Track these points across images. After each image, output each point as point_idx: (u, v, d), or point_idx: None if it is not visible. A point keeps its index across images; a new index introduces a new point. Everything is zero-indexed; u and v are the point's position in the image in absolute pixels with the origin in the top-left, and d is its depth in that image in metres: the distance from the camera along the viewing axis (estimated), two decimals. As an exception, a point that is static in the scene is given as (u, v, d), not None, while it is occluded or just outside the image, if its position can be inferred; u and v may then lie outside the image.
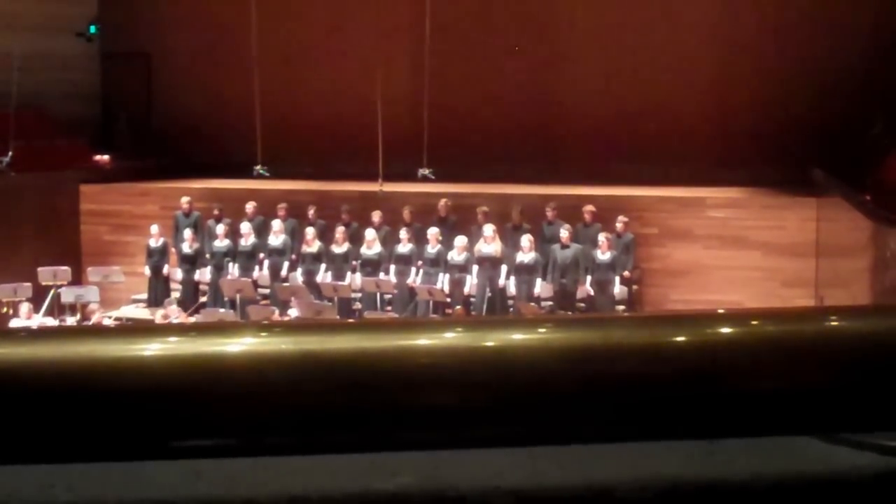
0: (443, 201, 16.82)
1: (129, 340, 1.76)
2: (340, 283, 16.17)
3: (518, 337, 1.79)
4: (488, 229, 15.98)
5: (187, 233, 17.05)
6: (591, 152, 19.05)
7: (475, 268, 15.99)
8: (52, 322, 15.37)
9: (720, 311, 1.96)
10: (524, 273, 15.82)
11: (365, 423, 1.72)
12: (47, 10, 19.67)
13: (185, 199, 17.66)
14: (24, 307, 15.02)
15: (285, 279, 16.73)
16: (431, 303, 15.58)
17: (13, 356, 1.71)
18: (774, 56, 18.72)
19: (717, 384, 1.78)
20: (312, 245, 16.60)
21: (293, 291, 15.94)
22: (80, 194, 18.84)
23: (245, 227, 17.00)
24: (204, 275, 17.09)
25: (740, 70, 18.93)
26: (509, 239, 16.23)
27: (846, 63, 18.07)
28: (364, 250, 16.40)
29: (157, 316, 15.04)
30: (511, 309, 15.76)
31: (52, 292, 16.14)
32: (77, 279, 17.25)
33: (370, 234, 16.42)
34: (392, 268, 16.32)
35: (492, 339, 1.77)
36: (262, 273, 16.96)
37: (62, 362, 1.69)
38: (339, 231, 16.59)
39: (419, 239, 16.38)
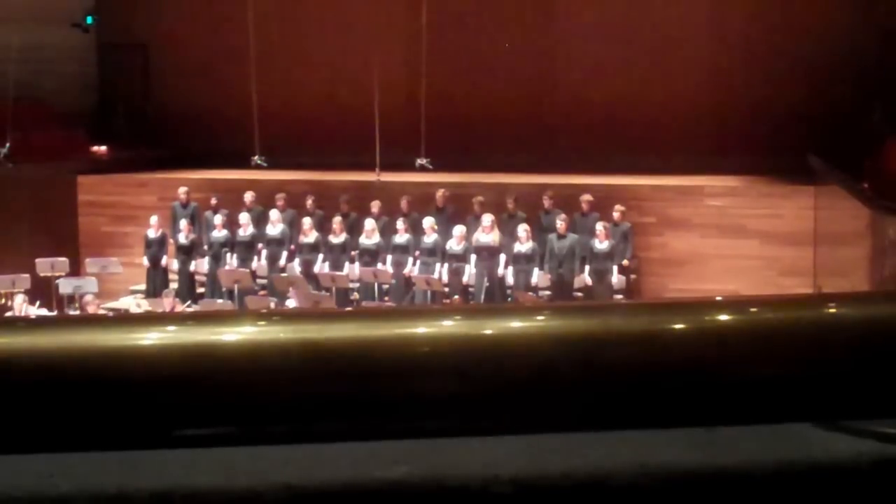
0: (440, 191, 16.81)
1: (127, 329, 1.77)
2: (338, 273, 16.18)
3: (517, 325, 1.80)
4: (486, 219, 15.98)
5: (183, 223, 17.04)
6: (588, 141, 19.04)
7: (473, 257, 16.00)
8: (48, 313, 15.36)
9: (719, 298, 1.96)
10: (522, 262, 15.83)
11: (364, 412, 1.72)
12: (44, 1, 19.64)
13: (182, 190, 17.65)
14: (19, 299, 14.96)
15: (283, 269, 16.73)
16: (429, 293, 15.58)
17: (11, 346, 1.71)
18: (771, 43, 18.71)
19: (716, 371, 1.78)
20: (309, 235, 16.60)
21: (291, 282, 15.94)
22: (78, 185, 18.84)
23: (243, 217, 16.99)
24: (201, 265, 17.09)
25: (737, 58, 18.92)
26: (506, 228, 16.23)
27: (844, 50, 18.06)
28: (363, 240, 16.40)
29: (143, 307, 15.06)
30: (510, 299, 15.77)
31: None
32: (75, 270, 17.24)
33: (369, 223, 16.42)
34: (389, 258, 16.32)
35: (491, 327, 1.77)
36: (260, 263, 16.96)
37: (61, 351, 1.69)
38: (337, 221, 16.60)
39: (416, 229, 16.37)
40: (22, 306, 14.77)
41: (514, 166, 18.39)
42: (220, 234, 16.98)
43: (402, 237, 16.31)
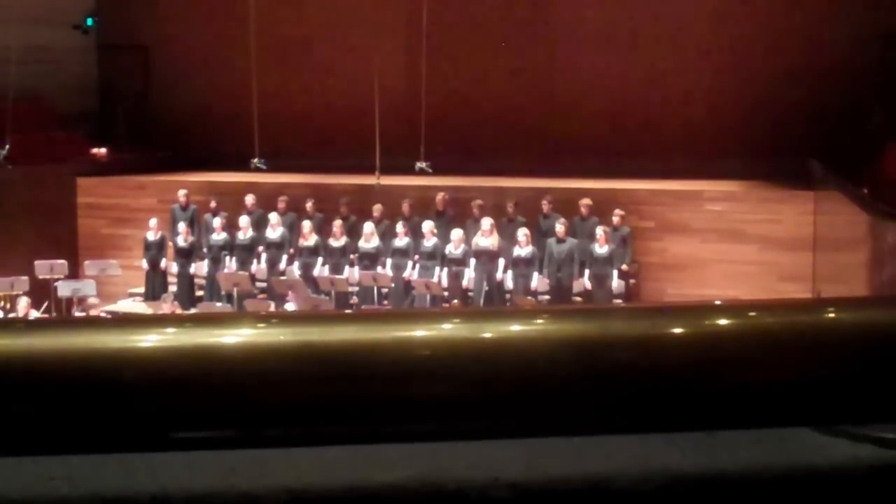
0: (440, 195, 16.81)
1: (127, 331, 1.76)
2: (338, 276, 16.17)
3: (517, 328, 1.80)
4: (486, 223, 15.97)
5: (182, 226, 17.02)
6: (588, 145, 19.04)
7: (473, 261, 15.99)
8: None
9: (718, 302, 1.96)
10: (521, 267, 15.82)
11: (363, 415, 1.72)
12: (44, 3, 19.64)
13: (182, 192, 17.64)
14: (23, 301, 14.94)
15: (283, 273, 16.72)
16: (429, 297, 15.57)
17: (11, 348, 1.71)
18: (771, 48, 18.71)
19: (716, 376, 1.78)
20: (309, 238, 16.59)
21: (290, 285, 15.93)
22: (77, 187, 18.83)
23: (244, 220, 16.97)
24: (201, 268, 17.07)
25: (737, 62, 18.93)
26: (506, 232, 16.23)
27: (844, 55, 18.07)
28: (362, 244, 16.39)
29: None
30: (509, 303, 15.75)
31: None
32: (74, 273, 17.23)
33: (368, 227, 16.41)
34: (388, 261, 16.32)
35: (490, 331, 1.77)
36: (259, 266, 16.94)
37: (60, 353, 1.69)
38: (337, 225, 16.60)
39: (416, 233, 16.37)
40: (26, 310, 14.70)
41: (514, 170, 18.38)
42: (219, 236, 16.96)
43: (401, 241, 16.30)
